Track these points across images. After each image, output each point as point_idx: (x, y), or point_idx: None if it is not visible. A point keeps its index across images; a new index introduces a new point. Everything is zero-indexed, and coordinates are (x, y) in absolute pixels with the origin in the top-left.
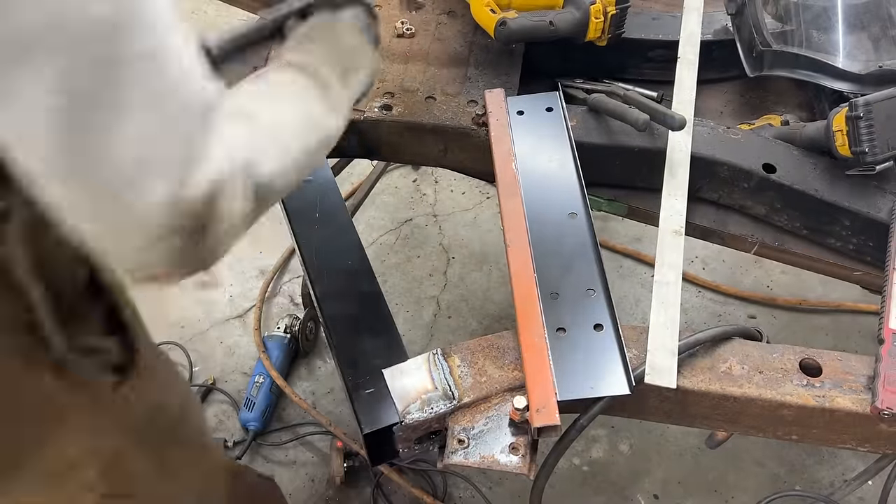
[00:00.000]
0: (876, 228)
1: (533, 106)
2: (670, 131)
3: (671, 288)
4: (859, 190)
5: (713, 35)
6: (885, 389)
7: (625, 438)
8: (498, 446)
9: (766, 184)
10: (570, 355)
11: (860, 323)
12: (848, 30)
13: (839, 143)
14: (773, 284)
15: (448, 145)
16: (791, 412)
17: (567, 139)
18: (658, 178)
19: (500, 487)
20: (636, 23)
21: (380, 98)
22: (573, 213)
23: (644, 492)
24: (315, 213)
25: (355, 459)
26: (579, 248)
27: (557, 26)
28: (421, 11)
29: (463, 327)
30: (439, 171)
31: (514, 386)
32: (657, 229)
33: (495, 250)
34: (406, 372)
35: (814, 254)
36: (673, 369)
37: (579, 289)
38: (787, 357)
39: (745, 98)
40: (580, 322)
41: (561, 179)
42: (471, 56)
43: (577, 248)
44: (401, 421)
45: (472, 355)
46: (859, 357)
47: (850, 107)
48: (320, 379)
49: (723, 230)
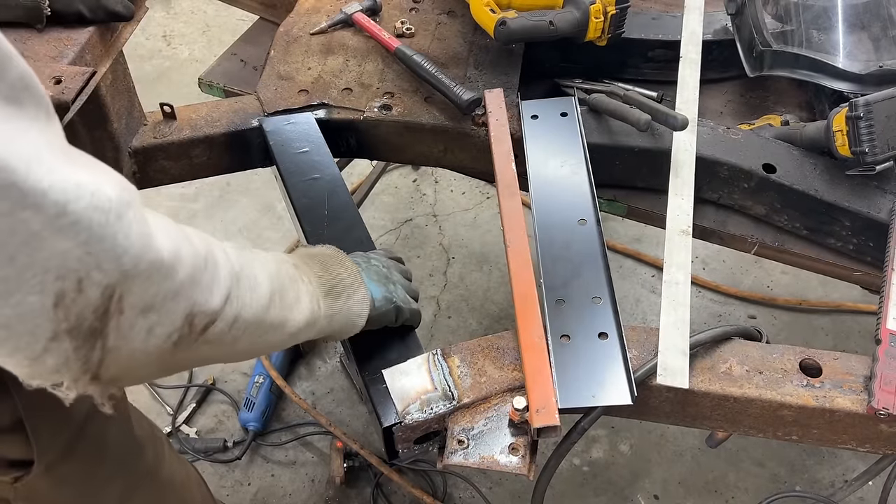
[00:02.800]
0: (876, 229)
1: (547, 110)
2: (674, 131)
3: (681, 288)
4: (859, 190)
5: (713, 35)
6: (882, 389)
7: (625, 439)
8: (498, 447)
9: (767, 184)
10: (573, 362)
11: (860, 323)
12: (848, 30)
13: (839, 143)
14: (773, 284)
15: (448, 145)
16: (791, 412)
17: (580, 145)
18: (658, 178)
19: (500, 488)
20: (636, 23)
21: (380, 98)
22: (583, 219)
23: (644, 492)
24: (324, 210)
25: (355, 460)
26: (588, 255)
27: (557, 26)
28: (421, 11)
29: (463, 327)
30: (439, 171)
31: (513, 386)
32: (657, 230)
33: (495, 250)
34: (406, 372)
35: (814, 254)
36: (685, 369)
37: (586, 296)
38: (787, 357)
39: (746, 98)
40: (585, 330)
41: (572, 185)
42: (470, 56)
43: (585, 256)
44: (400, 421)
45: (472, 355)
46: (859, 357)
47: (850, 107)
48: (320, 379)
49: (723, 230)
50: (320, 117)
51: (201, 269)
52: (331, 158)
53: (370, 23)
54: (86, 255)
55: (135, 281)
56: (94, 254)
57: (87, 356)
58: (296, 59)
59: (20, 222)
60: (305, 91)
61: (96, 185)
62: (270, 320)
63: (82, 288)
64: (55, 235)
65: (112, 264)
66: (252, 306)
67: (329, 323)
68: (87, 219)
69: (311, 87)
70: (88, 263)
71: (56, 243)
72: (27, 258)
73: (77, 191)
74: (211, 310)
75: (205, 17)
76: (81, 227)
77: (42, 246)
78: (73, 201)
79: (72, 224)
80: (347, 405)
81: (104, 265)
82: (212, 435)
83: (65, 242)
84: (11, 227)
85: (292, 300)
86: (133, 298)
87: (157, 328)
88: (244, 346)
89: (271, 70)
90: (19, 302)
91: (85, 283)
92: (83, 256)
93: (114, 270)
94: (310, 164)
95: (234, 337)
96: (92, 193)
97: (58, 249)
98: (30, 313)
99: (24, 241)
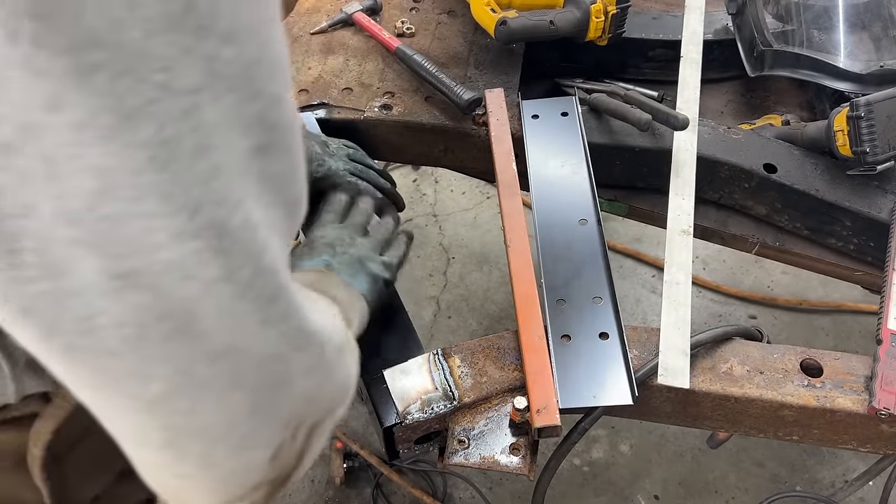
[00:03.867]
0: (877, 228)
1: (548, 110)
2: (675, 131)
3: (681, 288)
4: (860, 190)
5: (714, 35)
6: (883, 389)
7: (625, 439)
8: (498, 447)
9: (767, 184)
10: (573, 363)
11: (861, 323)
12: (849, 29)
13: (840, 142)
14: (773, 284)
15: (448, 145)
16: (792, 413)
17: (581, 145)
18: (659, 178)
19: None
20: (637, 22)
21: (380, 98)
22: (584, 219)
23: (644, 492)
24: None
25: (355, 460)
26: (588, 255)
27: (558, 26)
28: (421, 11)
29: (463, 327)
30: (439, 171)
31: (514, 386)
32: (658, 230)
33: (495, 250)
34: (406, 372)
35: (814, 254)
36: (686, 370)
37: (586, 296)
38: (787, 357)
39: (746, 98)
40: (585, 330)
41: (573, 185)
42: (471, 56)
43: (586, 256)
44: (401, 421)
45: (473, 355)
46: (860, 357)
47: (851, 107)
48: None
49: (723, 230)
50: (320, 117)
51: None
52: None
53: (370, 22)
54: (315, 398)
55: (336, 413)
56: (320, 398)
57: (273, 495)
58: (296, 58)
59: (287, 364)
60: (306, 91)
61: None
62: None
63: (296, 436)
64: (304, 378)
65: (326, 402)
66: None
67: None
68: (331, 361)
69: (311, 87)
70: (309, 408)
71: (300, 387)
72: (271, 408)
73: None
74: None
75: None
76: (325, 369)
77: (288, 392)
78: (327, 342)
79: (321, 366)
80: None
81: (321, 405)
82: None
83: (307, 384)
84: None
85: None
86: (326, 426)
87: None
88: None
89: None
90: (249, 458)
91: (300, 431)
92: (313, 399)
93: (325, 410)
94: None
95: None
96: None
97: (297, 394)
98: (251, 468)
99: (275, 387)
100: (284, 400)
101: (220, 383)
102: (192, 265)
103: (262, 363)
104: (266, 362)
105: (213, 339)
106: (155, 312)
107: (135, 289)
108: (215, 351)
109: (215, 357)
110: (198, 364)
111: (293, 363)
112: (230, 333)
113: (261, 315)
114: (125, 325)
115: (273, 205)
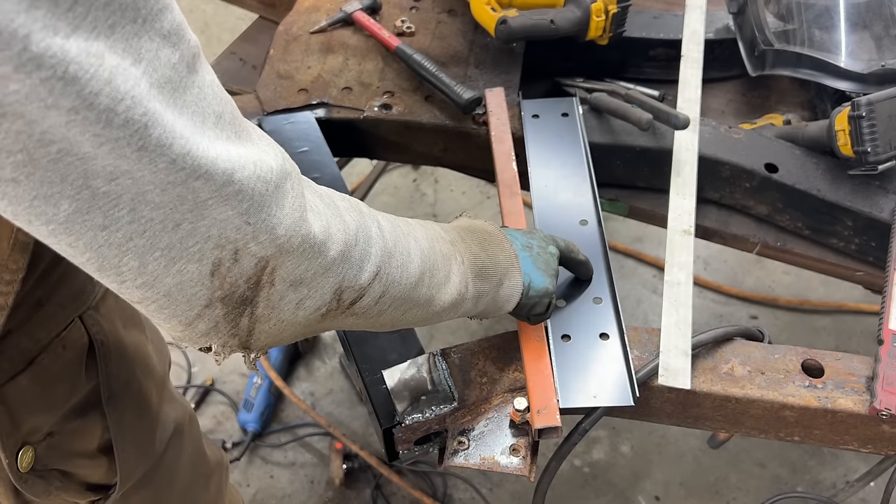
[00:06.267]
0: (878, 228)
1: (548, 109)
2: (676, 131)
3: (682, 288)
4: (862, 190)
5: (714, 34)
6: (884, 390)
7: (626, 440)
8: (498, 448)
9: (768, 184)
10: (574, 363)
11: (862, 323)
12: (850, 29)
13: (841, 142)
14: (774, 285)
15: (448, 144)
16: (793, 413)
17: (581, 145)
18: (660, 177)
19: (500, 489)
20: (637, 21)
21: (380, 97)
22: (584, 219)
23: (645, 493)
24: None
25: (355, 461)
26: (589, 255)
27: (558, 25)
28: (421, 10)
29: (463, 327)
30: (439, 171)
31: (514, 387)
32: (659, 229)
33: None
34: (406, 373)
35: (816, 254)
36: (687, 370)
37: (587, 297)
38: (789, 358)
39: (747, 97)
40: (586, 330)
41: (574, 185)
42: (471, 55)
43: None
44: (400, 422)
45: (473, 356)
46: (861, 358)
47: (852, 106)
48: (319, 380)
49: (724, 230)
50: (320, 116)
51: (352, 245)
52: (331, 158)
53: (370, 21)
54: (245, 224)
55: (288, 256)
56: (253, 224)
57: (236, 323)
58: (295, 57)
59: (191, 191)
60: (305, 90)
61: (259, 154)
62: (417, 297)
63: (238, 258)
64: (219, 204)
65: (267, 235)
66: (401, 283)
67: (475, 304)
68: (250, 188)
69: (310, 86)
70: (246, 233)
71: (219, 212)
72: (191, 226)
73: (241, 160)
74: (360, 285)
75: (204, 15)
76: (244, 196)
77: (206, 214)
78: (238, 170)
79: (236, 193)
80: (347, 406)
81: (260, 236)
82: (211, 436)
83: (227, 211)
84: (182, 195)
85: (442, 279)
86: (284, 272)
87: (306, 301)
88: (388, 319)
89: (270, 69)
90: (180, 270)
91: (241, 254)
92: (242, 226)
93: (269, 243)
94: (310, 164)
95: (380, 310)
96: (255, 163)
97: (220, 218)
98: (189, 281)
99: (190, 209)
100: (201, 221)
101: (125, 201)
102: (45, 95)
103: (161, 187)
104: (164, 186)
105: (98, 161)
106: (34, 138)
107: (4, 118)
108: (106, 171)
109: (108, 177)
110: (96, 180)
111: (198, 191)
112: (112, 157)
113: (137, 141)
114: (12, 153)
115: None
